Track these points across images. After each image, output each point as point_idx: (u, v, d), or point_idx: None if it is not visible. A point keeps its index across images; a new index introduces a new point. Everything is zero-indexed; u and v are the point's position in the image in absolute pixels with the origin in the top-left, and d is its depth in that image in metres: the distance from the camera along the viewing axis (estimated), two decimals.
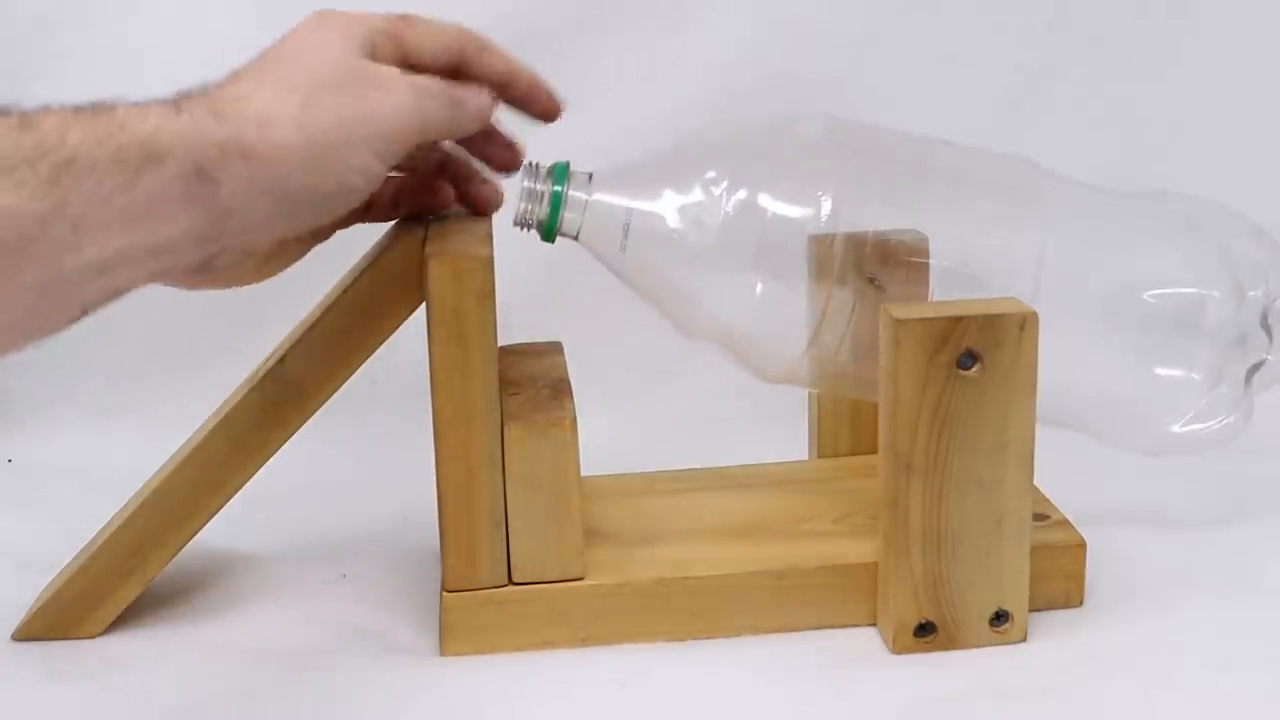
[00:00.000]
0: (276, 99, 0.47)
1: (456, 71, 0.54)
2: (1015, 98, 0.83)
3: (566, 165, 0.57)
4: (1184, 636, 0.57)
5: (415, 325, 0.56)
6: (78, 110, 0.43)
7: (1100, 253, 0.60)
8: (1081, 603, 0.59)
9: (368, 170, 0.50)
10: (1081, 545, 0.59)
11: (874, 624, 0.58)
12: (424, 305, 0.54)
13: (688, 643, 0.57)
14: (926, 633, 0.56)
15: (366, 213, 0.57)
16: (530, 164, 0.57)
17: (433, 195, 0.58)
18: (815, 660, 0.56)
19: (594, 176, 0.57)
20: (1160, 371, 0.60)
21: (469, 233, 0.56)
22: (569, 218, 0.57)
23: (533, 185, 0.56)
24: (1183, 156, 0.83)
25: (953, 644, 0.56)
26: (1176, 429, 0.60)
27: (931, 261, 0.58)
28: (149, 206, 0.43)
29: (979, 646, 0.56)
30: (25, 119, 0.42)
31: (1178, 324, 0.59)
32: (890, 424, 0.54)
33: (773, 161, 0.57)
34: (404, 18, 0.53)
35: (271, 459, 0.58)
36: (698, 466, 0.66)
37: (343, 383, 0.58)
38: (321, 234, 0.56)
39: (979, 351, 0.53)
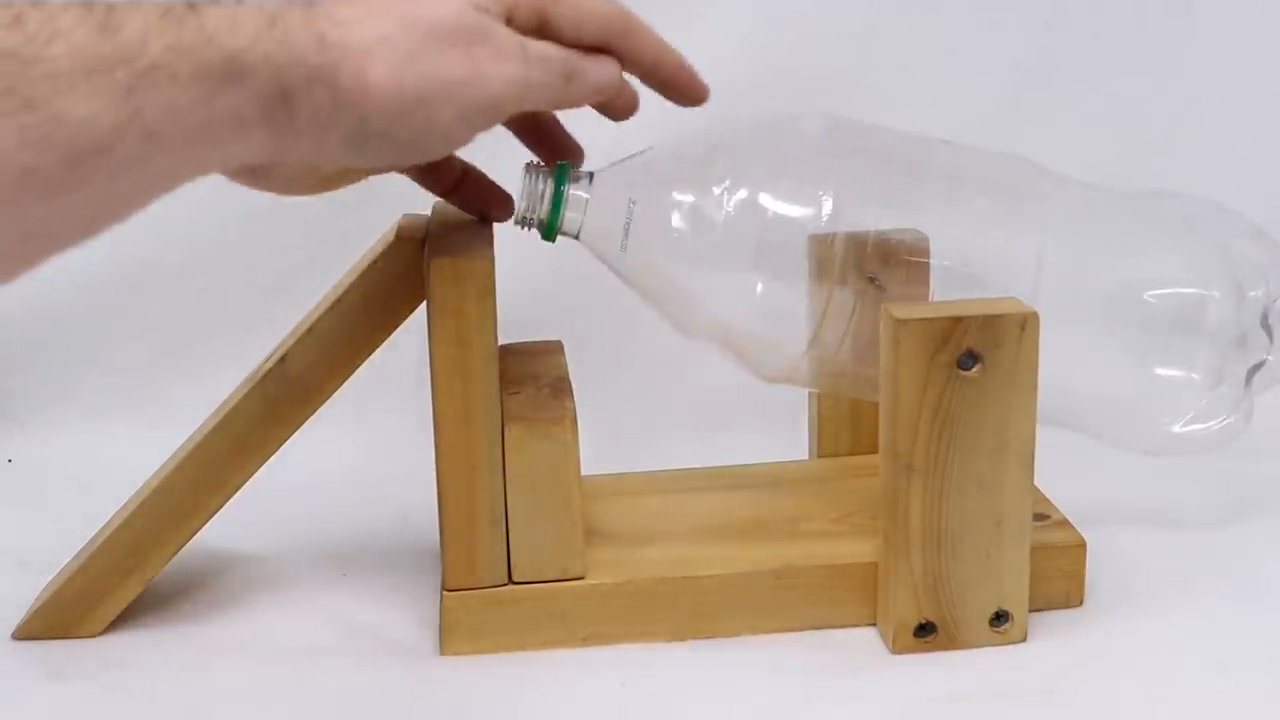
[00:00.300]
0: (387, 38, 0.45)
1: (601, 51, 0.53)
2: (1015, 96, 0.83)
3: (567, 165, 0.57)
4: (1184, 636, 0.57)
5: (415, 325, 0.56)
6: (166, 11, 0.40)
7: (1100, 252, 0.60)
8: (1081, 603, 0.59)
9: (450, 134, 0.48)
10: (1081, 545, 0.59)
11: (874, 624, 0.58)
12: (424, 305, 0.54)
13: (688, 642, 0.57)
14: (926, 633, 0.56)
15: (427, 174, 0.57)
16: (531, 164, 0.57)
17: (495, 201, 0.58)
18: (815, 660, 0.56)
19: (595, 176, 0.57)
20: (1160, 371, 0.60)
21: (469, 233, 0.56)
22: (570, 217, 0.57)
23: (534, 184, 0.56)
24: (1182, 155, 0.83)
25: (953, 644, 0.56)
26: (1177, 429, 0.60)
27: (932, 261, 0.58)
28: (225, 122, 0.42)
29: (979, 646, 0.56)
30: (108, 21, 0.39)
31: (1178, 324, 0.59)
32: (890, 424, 0.54)
33: (774, 160, 0.57)
34: None
35: (272, 458, 0.58)
36: (698, 466, 0.66)
37: (343, 382, 0.58)
38: (385, 168, 0.54)
39: (979, 351, 0.53)
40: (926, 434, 0.54)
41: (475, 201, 0.58)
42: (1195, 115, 0.84)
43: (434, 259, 0.53)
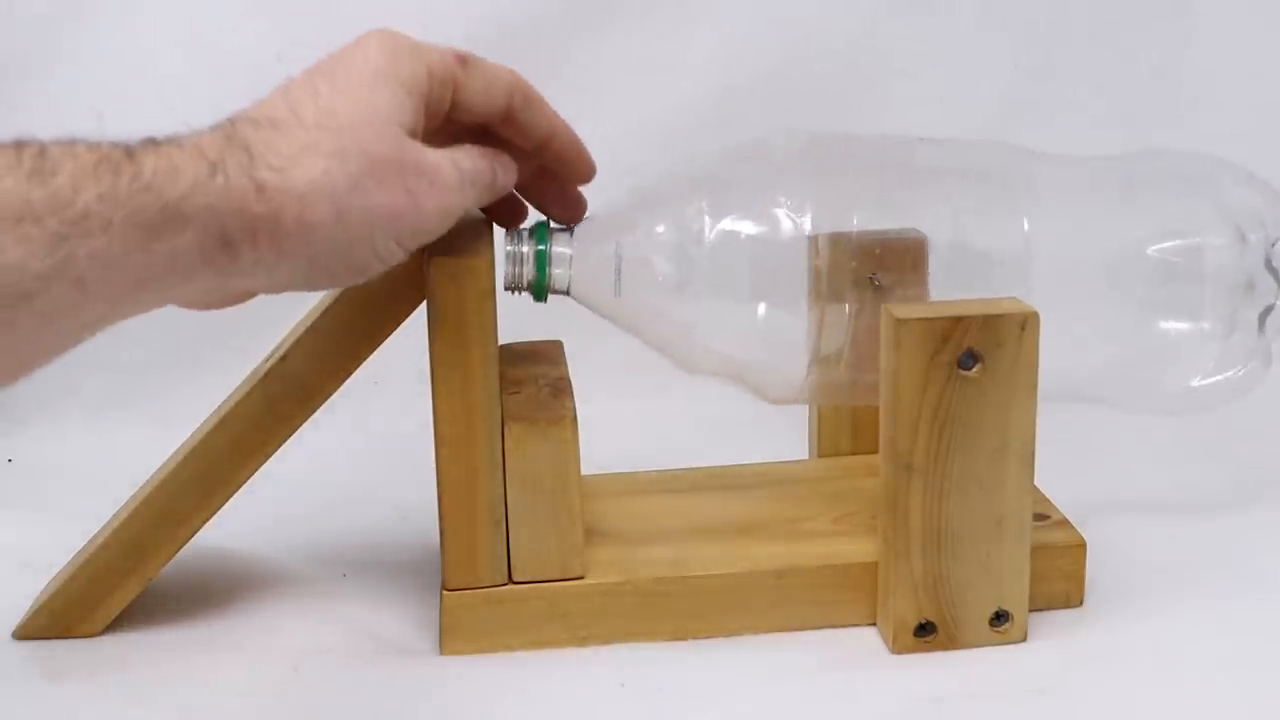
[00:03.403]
0: (325, 176, 0.45)
1: (500, 120, 0.53)
2: (1015, 97, 0.83)
3: (546, 223, 0.57)
4: (1184, 636, 0.57)
5: (415, 325, 0.56)
6: (100, 159, 0.40)
7: (1094, 217, 0.59)
8: (1081, 603, 0.59)
9: (390, 258, 0.49)
10: (1081, 545, 0.59)
11: (874, 624, 0.58)
12: (424, 305, 0.54)
13: (688, 642, 0.57)
14: (926, 633, 0.56)
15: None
16: (509, 229, 0.57)
17: (510, 209, 0.58)
18: (815, 660, 0.56)
19: (574, 229, 0.57)
20: (1169, 325, 0.59)
21: (469, 233, 0.56)
22: (557, 274, 0.57)
23: (516, 248, 0.57)
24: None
25: (953, 644, 0.56)
26: (1196, 383, 0.60)
27: (929, 257, 0.58)
28: (163, 268, 0.42)
29: (979, 646, 0.56)
30: (40, 165, 0.39)
31: (1181, 276, 0.58)
32: (890, 424, 0.54)
33: (749, 184, 0.57)
34: (464, 60, 0.51)
35: (272, 458, 0.58)
36: (698, 466, 0.66)
37: (343, 381, 0.58)
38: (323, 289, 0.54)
39: (980, 351, 0.53)
40: (926, 434, 0.54)
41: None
42: (1195, 115, 0.85)
43: (434, 259, 0.53)
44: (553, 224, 0.58)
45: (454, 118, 0.52)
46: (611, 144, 0.58)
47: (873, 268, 0.58)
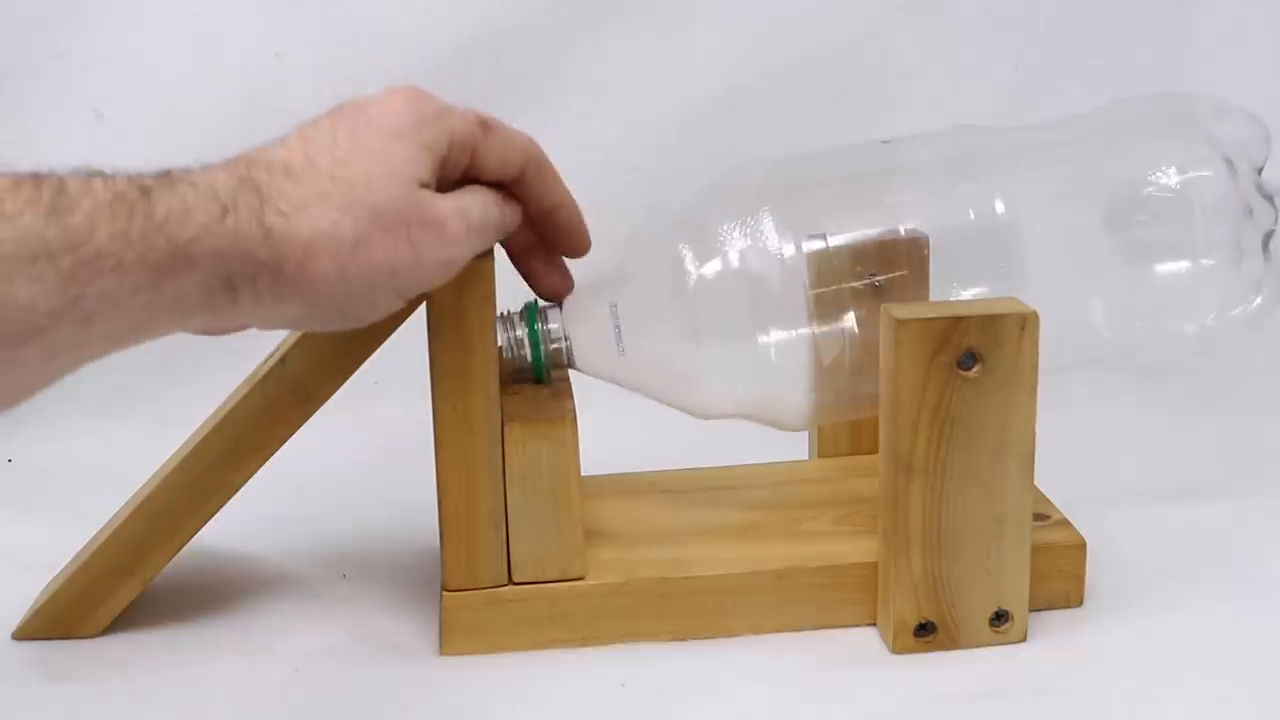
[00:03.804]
0: (333, 229, 0.45)
1: (511, 185, 0.53)
2: (1015, 97, 0.83)
3: (534, 303, 0.58)
4: (1184, 636, 0.57)
5: (415, 325, 0.56)
6: (116, 197, 0.40)
7: (1079, 174, 0.59)
8: (1081, 603, 0.59)
9: (389, 308, 0.49)
10: (1081, 545, 0.59)
11: (874, 624, 0.58)
12: (424, 306, 0.54)
13: (688, 642, 0.57)
14: (926, 632, 0.56)
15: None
16: (501, 315, 0.57)
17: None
18: (815, 660, 0.56)
19: (563, 302, 0.58)
20: (1177, 265, 0.59)
21: None
22: (553, 349, 0.57)
23: (510, 335, 0.57)
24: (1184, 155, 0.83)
25: (953, 644, 0.56)
26: (1212, 321, 0.60)
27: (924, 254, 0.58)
28: (166, 308, 0.42)
29: (979, 646, 0.56)
30: (58, 202, 0.39)
31: (1179, 212, 0.58)
32: (890, 424, 0.54)
33: (729, 219, 0.57)
34: (484, 124, 0.51)
35: (272, 459, 0.58)
36: (697, 467, 0.66)
37: (343, 382, 0.58)
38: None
39: (980, 352, 0.53)
40: (926, 434, 0.54)
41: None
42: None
43: None
44: (541, 303, 0.58)
45: (467, 177, 0.52)
46: (611, 144, 0.58)
47: (870, 270, 0.58)
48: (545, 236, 0.56)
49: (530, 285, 0.58)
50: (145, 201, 0.41)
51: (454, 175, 0.51)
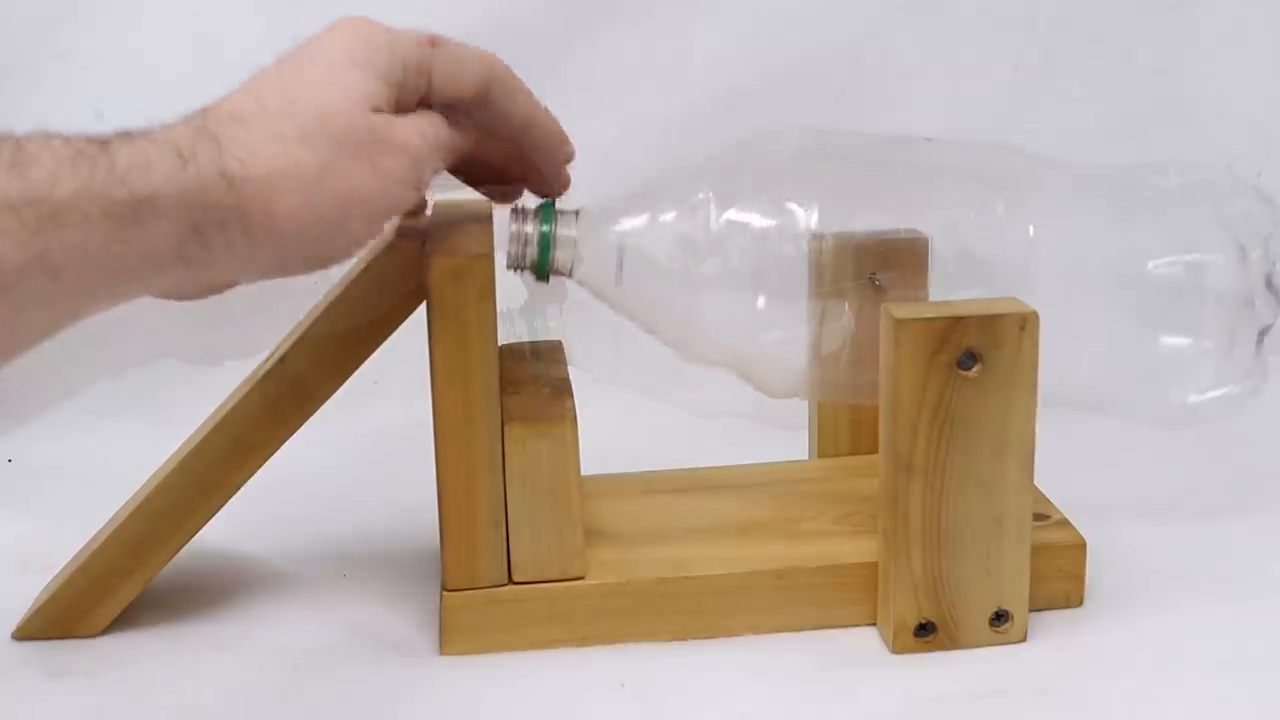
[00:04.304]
0: (291, 165, 0.45)
1: (476, 104, 0.53)
2: (1015, 97, 0.83)
3: (552, 203, 0.57)
4: (1184, 636, 0.57)
5: (415, 325, 0.56)
6: (76, 153, 0.41)
7: (1097, 228, 0.59)
8: (1081, 603, 0.59)
9: (365, 238, 0.48)
10: (1081, 545, 0.59)
11: (874, 624, 0.58)
12: (424, 305, 0.54)
13: (688, 642, 0.57)
14: (926, 633, 0.56)
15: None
16: (515, 207, 0.57)
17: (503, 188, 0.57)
18: (815, 660, 0.56)
19: (580, 213, 0.57)
20: (1169, 341, 0.59)
21: (469, 232, 0.56)
22: (560, 255, 0.57)
23: (520, 228, 0.57)
24: (1184, 155, 0.84)
25: (953, 644, 0.56)
26: (1193, 399, 0.60)
27: (931, 258, 0.58)
28: (136, 259, 0.42)
29: (979, 646, 0.56)
30: (18, 158, 0.39)
31: (1182, 292, 0.59)
32: (890, 424, 0.54)
33: (756, 176, 0.57)
34: (434, 42, 0.51)
35: (272, 458, 0.58)
36: (698, 467, 0.66)
37: (343, 382, 0.58)
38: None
39: (979, 351, 0.53)
40: (926, 433, 0.54)
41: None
42: (1195, 116, 0.85)
43: (434, 258, 0.53)
44: (559, 206, 0.57)
45: (424, 100, 0.51)
46: (611, 144, 0.58)
47: (873, 267, 0.58)
48: (525, 155, 0.55)
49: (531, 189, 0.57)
50: (105, 155, 0.41)
51: (412, 100, 0.51)
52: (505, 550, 0.56)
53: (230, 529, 0.61)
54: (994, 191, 0.59)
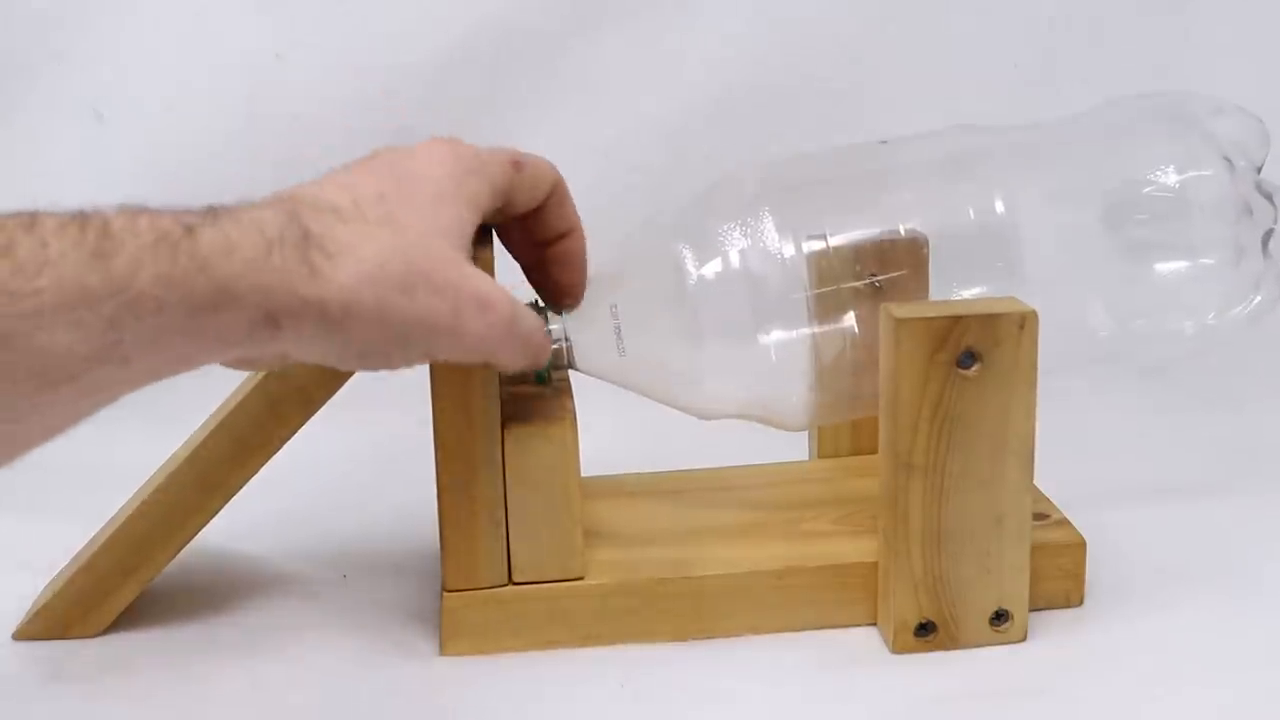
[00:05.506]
0: (379, 270, 0.44)
1: (533, 211, 0.54)
2: (1015, 97, 0.83)
3: (535, 303, 0.57)
4: (1184, 636, 0.57)
5: None
6: (161, 237, 0.39)
7: (1079, 174, 0.59)
8: (1082, 602, 0.59)
9: (414, 363, 0.48)
10: (1081, 544, 0.59)
11: (874, 624, 0.58)
12: None
13: (688, 642, 0.57)
14: (927, 632, 0.56)
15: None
16: None
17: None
18: (815, 660, 0.56)
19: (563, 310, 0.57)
20: (1177, 265, 0.59)
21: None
22: (553, 349, 0.56)
23: None
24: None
25: (953, 643, 0.56)
26: (1212, 320, 0.59)
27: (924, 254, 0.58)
28: (207, 343, 0.41)
29: (979, 646, 0.56)
30: (103, 246, 0.38)
31: (1179, 212, 0.58)
32: (890, 423, 0.54)
33: (727, 219, 0.57)
34: (517, 164, 0.51)
35: (272, 459, 0.58)
36: (698, 468, 0.66)
37: (344, 382, 0.58)
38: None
39: (979, 350, 0.53)
40: (926, 433, 0.54)
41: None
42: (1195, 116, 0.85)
43: None
44: (540, 303, 0.57)
45: (500, 214, 0.53)
46: (611, 144, 0.58)
47: (870, 270, 0.58)
48: (548, 263, 0.56)
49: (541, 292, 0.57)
50: (189, 239, 0.40)
51: (493, 217, 0.52)
52: (505, 551, 0.56)
53: (230, 529, 0.61)
54: (962, 170, 0.59)
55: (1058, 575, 0.58)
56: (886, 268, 0.58)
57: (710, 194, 0.59)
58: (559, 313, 0.57)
